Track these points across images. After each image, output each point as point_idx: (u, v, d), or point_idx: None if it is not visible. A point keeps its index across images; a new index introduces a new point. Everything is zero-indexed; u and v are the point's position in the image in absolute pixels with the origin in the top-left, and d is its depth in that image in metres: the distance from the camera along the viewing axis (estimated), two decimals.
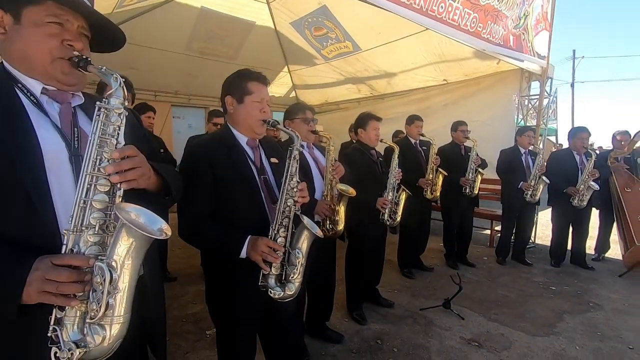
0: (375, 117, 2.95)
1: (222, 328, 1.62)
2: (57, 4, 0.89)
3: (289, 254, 1.44)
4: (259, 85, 1.54)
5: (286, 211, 1.42)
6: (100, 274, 0.76)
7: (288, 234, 1.43)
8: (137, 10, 4.16)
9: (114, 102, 0.86)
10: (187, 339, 2.62)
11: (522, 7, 4.29)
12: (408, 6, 3.02)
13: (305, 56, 6.19)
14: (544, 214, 5.74)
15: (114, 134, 0.86)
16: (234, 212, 1.47)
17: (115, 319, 0.79)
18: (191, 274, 3.75)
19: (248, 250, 1.39)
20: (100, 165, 0.83)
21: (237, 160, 1.50)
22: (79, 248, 0.81)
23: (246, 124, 1.55)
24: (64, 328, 0.78)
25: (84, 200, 0.82)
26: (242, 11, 5.15)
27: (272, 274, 1.42)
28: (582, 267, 4.32)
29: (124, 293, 0.80)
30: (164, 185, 1.04)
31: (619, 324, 2.98)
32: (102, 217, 0.83)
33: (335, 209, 2.27)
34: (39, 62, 0.89)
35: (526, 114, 5.29)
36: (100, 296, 0.76)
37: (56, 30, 0.89)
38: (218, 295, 1.56)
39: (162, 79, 6.14)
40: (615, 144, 4.72)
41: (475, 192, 4.10)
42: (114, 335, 0.80)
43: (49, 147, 0.86)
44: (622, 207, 4.20)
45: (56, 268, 0.76)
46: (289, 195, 1.43)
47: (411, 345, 2.61)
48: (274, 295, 1.42)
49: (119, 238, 0.79)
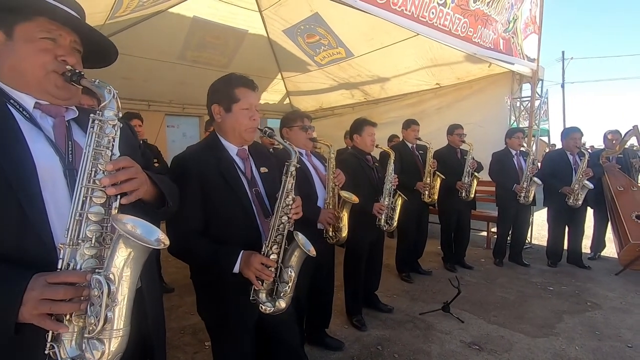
0: (371, 122, 2.96)
1: (218, 340, 1.60)
2: (50, 20, 0.89)
3: (281, 270, 1.42)
4: (246, 91, 1.48)
5: (280, 228, 1.40)
6: (98, 287, 0.75)
7: (281, 251, 1.41)
8: (130, 21, 4.15)
9: (108, 114, 0.86)
10: (185, 351, 2.58)
11: (510, 11, 4.36)
12: (400, 13, 3.05)
13: (299, 63, 6.21)
14: (539, 215, 5.77)
15: (109, 145, 0.85)
16: (225, 226, 1.44)
17: (115, 333, 0.78)
18: (188, 284, 3.67)
19: (241, 266, 1.36)
20: (95, 177, 0.82)
21: (226, 173, 1.45)
22: (76, 262, 0.80)
23: (235, 132, 1.49)
24: (61, 344, 0.76)
25: (80, 213, 0.81)
26: (235, 20, 5.16)
27: (264, 289, 1.40)
28: (579, 267, 4.35)
29: (123, 306, 0.79)
30: (160, 194, 1.03)
31: (617, 323, 2.99)
32: (99, 230, 0.83)
33: (339, 216, 2.27)
34: (33, 76, 0.89)
35: (518, 116, 5.35)
36: (98, 310, 0.74)
37: (49, 45, 0.89)
38: (210, 307, 1.54)
39: (156, 88, 6.12)
40: (606, 143, 4.78)
41: (471, 196, 4.12)
42: (114, 350, 0.78)
43: (43, 161, 0.85)
44: (616, 206, 4.24)
45: (51, 286, 0.74)
46: (284, 212, 1.40)
47: (412, 351, 2.60)
48: (264, 310, 1.41)
49: (116, 250, 0.78)
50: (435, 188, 3.87)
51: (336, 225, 2.29)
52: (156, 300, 1.14)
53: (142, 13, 3.93)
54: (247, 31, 5.48)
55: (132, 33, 4.40)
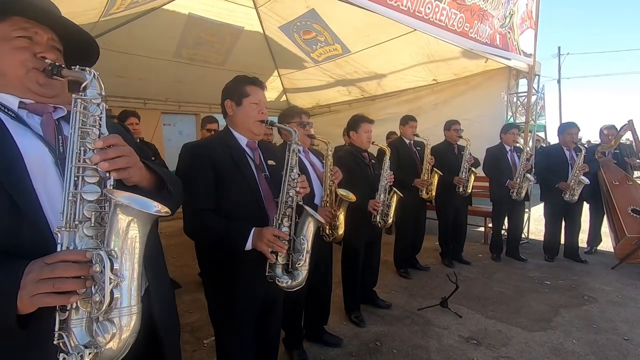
0: (367, 119, 2.95)
1: (221, 330, 1.63)
2: (24, 19, 0.87)
3: (294, 242, 1.48)
4: (255, 88, 1.62)
5: (289, 201, 1.48)
6: (100, 262, 0.71)
7: (292, 224, 1.48)
8: (124, 19, 4.12)
9: (91, 93, 0.84)
10: (184, 349, 2.58)
11: (507, 6, 4.35)
12: (395, 8, 3.04)
13: (295, 60, 6.20)
14: (536, 210, 5.80)
15: (95, 124, 0.83)
16: (234, 208, 1.52)
17: (125, 310, 0.74)
18: (187, 282, 3.71)
19: (254, 241, 1.42)
20: (85, 157, 0.80)
21: (236, 158, 1.55)
22: (75, 245, 0.76)
23: (245, 124, 1.61)
24: (70, 332, 0.72)
25: (73, 193, 0.78)
26: (230, 17, 5.14)
27: (279, 263, 1.46)
28: (576, 261, 4.37)
29: (130, 282, 0.75)
30: (158, 181, 1.00)
31: (613, 316, 3.02)
32: (97, 209, 0.79)
33: (335, 214, 2.27)
34: (13, 75, 0.87)
35: (515, 111, 5.35)
36: (102, 286, 0.70)
37: (26, 43, 0.88)
38: (219, 290, 1.59)
39: (151, 86, 6.09)
40: (602, 138, 4.80)
41: (468, 191, 4.13)
42: (126, 329, 0.75)
43: (31, 152, 0.83)
44: (612, 200, 4.27)
45: (50, 265, 0.71)
46: (291, 187, 1.49)
47: (410, 346, 2.61)
48: (281, 284, 1.46)
49: (115, 221, 0.75)
50: (433, 184, 3.88)
51: (333, 223, 2.29)
52: (166, 300, 1.09)
53: (136, 10, 3.90)
54: (243, 28, 5.46)
55: (127, 31, 4.37)
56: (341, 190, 2.28)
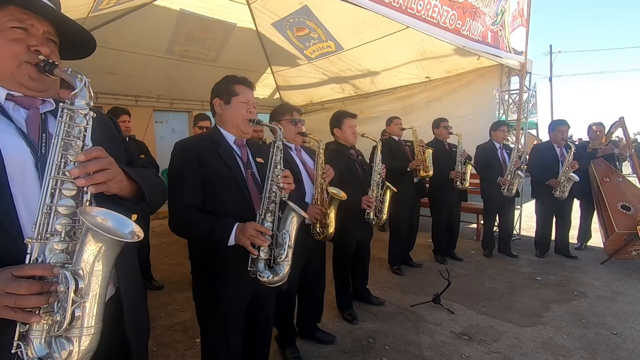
0: (350, 114, 2.88)
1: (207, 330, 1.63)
2: (20, 9, 0.85)
3: (276, 238, 1.48)
4: (244, 87, 1.64)
5: (272, 197, 1.48)
6: (64, 282, 0.71)
7: (275, 219, 1.48)
8: (114, 14, 4.06)
9: (79, 103, 0.82)
10: (176, 348, 2.57)
11: (498, 4, 4.37)
12: (387, 5, 3.03)
13: (288, 57, 6.16)
14: (527, 206, 5.86)
15: (80, 135, 0.82)
16: (221, 204, 1.52)
17: (85, 330, 0.74)
18: (179, 281, 3.69)
19: (237, 235, 1.42)
20: (64, 169, 0.79)
21: (224, 155, 1.56)
22: (45, 257, 0.76)
23: (233, 122, 1.62)
24: (29, 343, 0.72)
25: (49, 206, 0.77)
26: (223, 13, 5.08)
27: (261, 258, 1.45)
28: (566, 257, 4.43)
29: (93, 302, 0.75)
30: (138, 190, 0.99)
31: (603, 311, 3.06)
32: (69, 224, 0.79)
33: (326, 212, 2.26)
34: (5, 67, 0.85)
35: (507, 109, 5.40)
36: (64, 306, 0.70)
37: (20, 35, 0.86)
38: (204, 288, 1.60)
39: (143, 83, 6.02)
40: (591, 134, 4.85)
41: (466, 184, 4.16)
42: (83, 349, 0.74)
43: (12, 152, 0.81)
44: (602, 196, 4.33)
45: (16, 280, 0.71)
46: (274, 182, 1.49)
47: (403, 342, 2.63)
48: (262, 279, 1.46)
49: (85, 244, 0.74)
50: (427, 162, 3.85)
51: (323, 221, 2.28)
52: (137, 300, 1.09)
53: (127, 5, 3.83)
54: (236, 25, 5.41)
55: (118, 26, 4.30)
56: (332, 188, 2.27)
